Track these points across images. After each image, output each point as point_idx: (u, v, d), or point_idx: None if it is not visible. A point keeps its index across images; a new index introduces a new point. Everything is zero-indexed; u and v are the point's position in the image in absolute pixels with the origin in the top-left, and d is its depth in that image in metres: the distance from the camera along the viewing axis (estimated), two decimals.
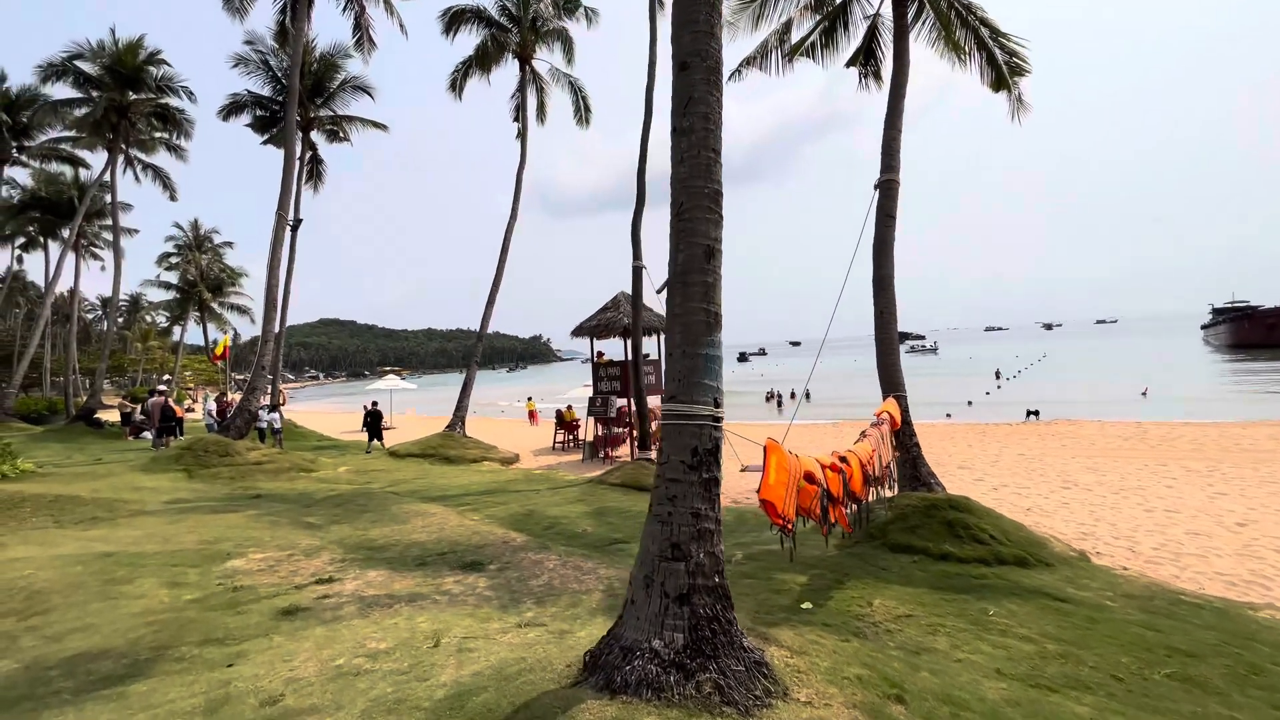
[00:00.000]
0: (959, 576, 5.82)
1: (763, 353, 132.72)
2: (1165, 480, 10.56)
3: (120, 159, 27.08)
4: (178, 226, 39.77)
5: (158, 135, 26.52)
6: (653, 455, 11.78)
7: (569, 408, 19.36)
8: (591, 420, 16.02)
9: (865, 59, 11.23)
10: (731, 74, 11.71)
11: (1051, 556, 6.40)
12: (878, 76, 11.84)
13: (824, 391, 38.38)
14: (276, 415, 18.46)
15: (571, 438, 18.93)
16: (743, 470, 11.31)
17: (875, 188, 9.05)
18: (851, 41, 11.27)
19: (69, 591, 4.90)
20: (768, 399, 38.01)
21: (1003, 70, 10.71)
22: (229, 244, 41.18)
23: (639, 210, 12.72)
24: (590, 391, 19.67)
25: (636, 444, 15.45)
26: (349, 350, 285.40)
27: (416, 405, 42.80)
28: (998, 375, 42.98)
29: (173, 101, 21.31)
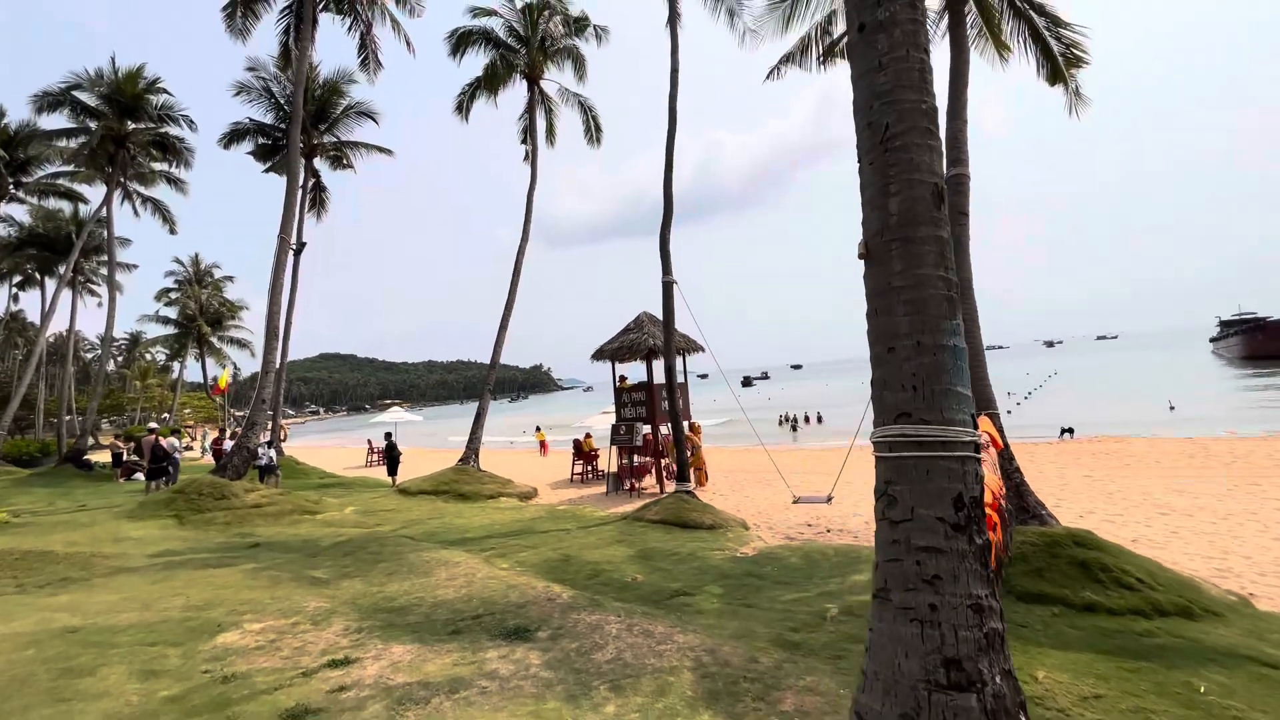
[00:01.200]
0: (1121, 634, 4.72)
1: (765, 376, 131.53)
2: (1273, 502, 9.46)
3: (118, 192, 26.55)
4: (178, 262, 39.21)
5: (157, 168, 26.00)
6: (691, 487, 10.69)
7: (587, 436, 18.26)
8: (614, 450, 14.92)
9: None
10: (770, 72, 11.01)
11: (1214, 603, 5.30)
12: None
13: (835, 416, 37.22)
14: (272, 452, 17.40)
15: (590, 469, 17.79)
16: (796, 501, 10.25)
17: (945, 183, 8.19)
18: None
19: (10, 690, 3.81)
20: (781, 423, 36.90)
21: (1059, 63, 9.98)
22: (229, 278, 40.58)
23: (667, 222, 11.87)
24: (610, 419, 18.63)
25: (674, 475, 14.34)
26: (349, 384, 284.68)
27: (420, 438, 41.62)
28: (1009, 395, 41.79)
29: (172, 130, 20.77)
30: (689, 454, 14.34)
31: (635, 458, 14.47)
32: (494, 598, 5.93)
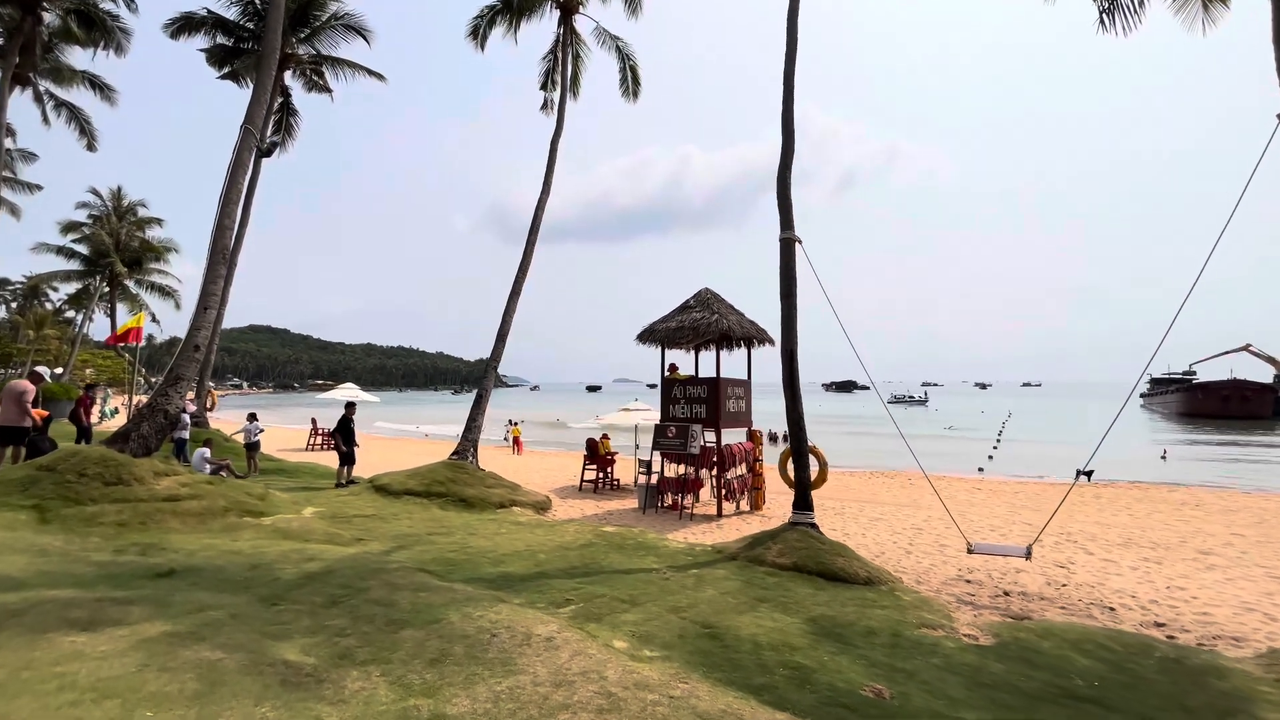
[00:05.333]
0: None
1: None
2: None
3: (23, 90, 21.46)
4: (94, 193, 33.11)
5: (77, 66, 21.10)
6: (814, 519, 7.76)
7: (604, 437, 15.07)
8: (657, 456, 11.84)
9: None
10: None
11: None
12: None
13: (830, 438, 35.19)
14: (257, 425, 13.33)
15: (604, 475, 14.61)
16: (970, 551, 7.50)
17: (1278, 116, 5.74)
18: None
19: None
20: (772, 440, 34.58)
21: None
22: (157, 220, 34.65)
23: (787, 163, 8.99)
24: (629, 417, 15.52)
25: (736, 494, 11.37)
26: (279, 360, 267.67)
27: (378, 426, 36.92)
28: (996, 445, 40.96)
29: (103, 3, 16.23)
30: (749, 467, 11.46)
31: (689, 469, 11.43)
32: None
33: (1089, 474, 21.21)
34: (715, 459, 11.08)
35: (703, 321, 11.30)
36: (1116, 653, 5.02)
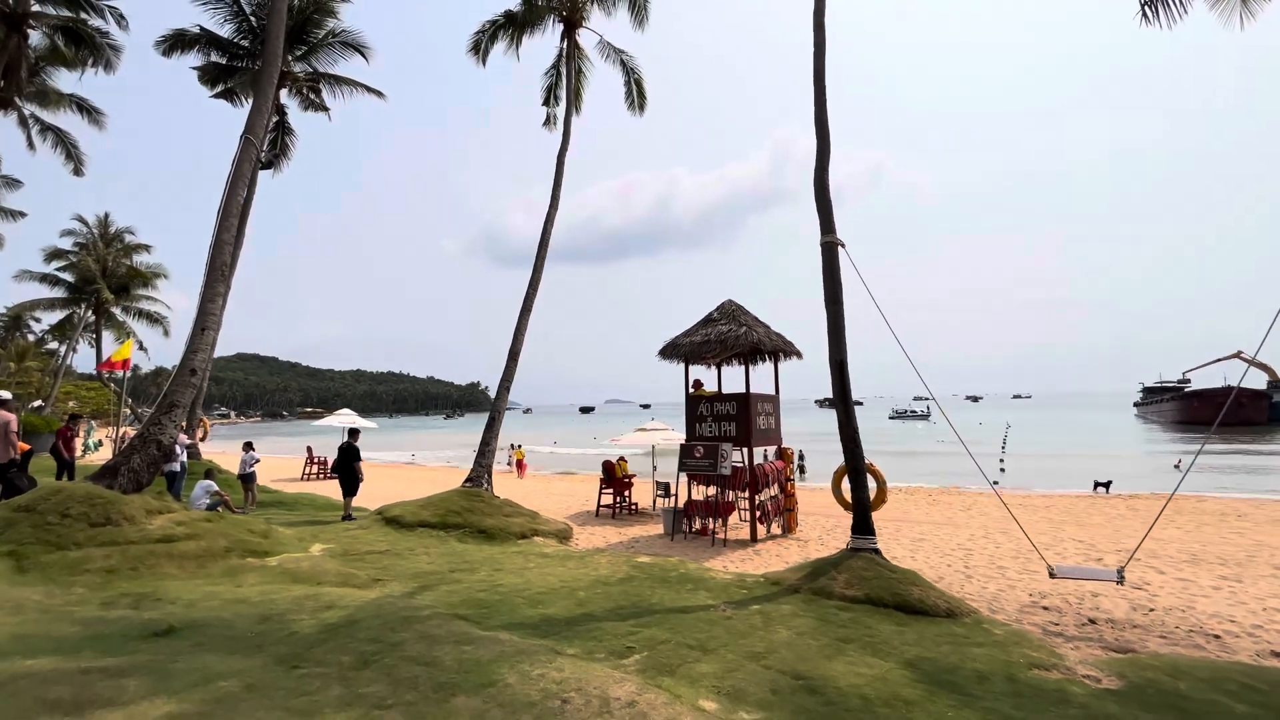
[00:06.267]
0: None
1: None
2: None
3: (9, 115, 20.86)
4: (79, 220, 32.31)
5: (65, 90, 20.58)
6: (876, 543, 7.11)
7: (620, 460, 14.36)
8: (684, 479, 11.16)
9: None
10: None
11: None
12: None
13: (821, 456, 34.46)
14: (253, 455, 12.56)
15: (621, 499, 13.87)
16: (1053, 575, 6.87)
17: None
18: None
19: None
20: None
21: None
22: (146, 246, 33.83)
23: (824, 164, 8.53)
24: (646, 439, 14.85)
25: (769, 517, 10.71)
26: (268, 388, 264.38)
27: (374, 451, 35.81)
28: (1002, 459, 40.40)
29: (92, 21, 15.70)
30: (781, 488, 10.81)
31: (720, 491, 10.74)
32: None
33: (1107, 485, 20.75)
34: (748, 480, 10.42)
35: (730, 335, 10.72)
36: (1264, 693, 4.39)
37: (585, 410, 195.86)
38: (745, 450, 10.65)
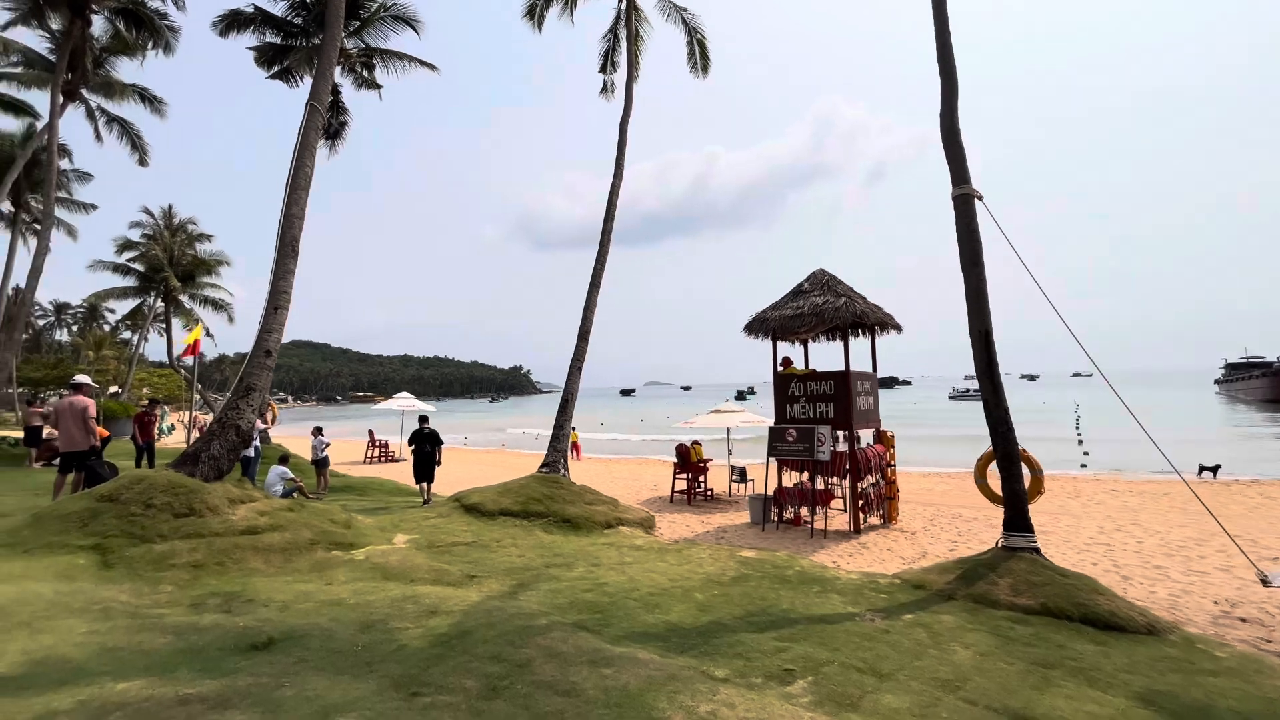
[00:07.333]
0: None
1: (753, 391, 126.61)
2: None
3: (76, 106, 21.24)
4: (145, 212, 33.26)
5: (127, 80, 20.76)
6: (1034, 541, 6.13)
7: (695, 444, 13.60)
8: (773, 464, 10.32)
9: None
10: None
11: None
12: None
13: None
14: (323, 440, 12.50)
15: (699, 484, 13.14)
16: (1266, 584, 5.74)
17: None
18: None
19: None
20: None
21: None
22: (207, 236, 34.68)
23: (951, 106, 7.40)
24: (721, 420, 14.02)
25: (869, 507, 9.81)
26: (321, 374, 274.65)
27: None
28: (1078, 438, 37.68)
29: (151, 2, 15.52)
30: (881, 475, 9.86)
31: (813, 478, 9.86)
32: None
33: (1214, 469, 18.81)
34: (848, 466, 9.49)
35: (827, 306, 9.73)
36: None
37: (626, 393, 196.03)
38: (845, 433, 9.71)
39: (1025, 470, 6.66)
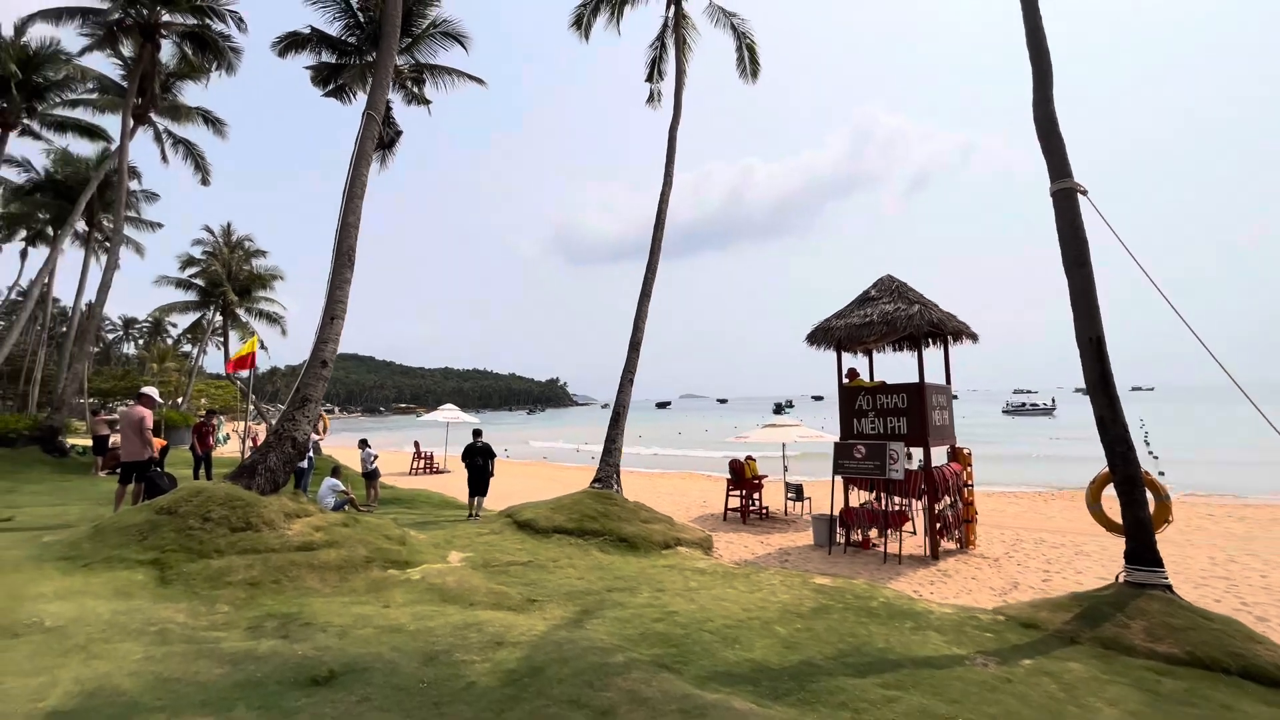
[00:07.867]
0: None
1: (790, 405, 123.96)
2: None
3: (144, 129, 22.27)
4: (207, 230, 34.81)
5: (192, 104, 21.69)
6: (1164, 578, 5.40)
7: (749, 459, 13.02)
8: (837, 482, 9.69)
9: None
10: None
11: None
12: None
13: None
14: (371, 452, 12.59)
15: (753, 502, 12.56)
16: None
17: None
18: None
19: None
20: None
21: None
22: (263, 252, 36.05)
23: (1045, 94, 6.79)
24: (775, 435, 13.42)
25: (948, 530, 9.09)
26: (366, 385, 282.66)
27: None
28: (1150, 455, 34.72)
29: (215, 25, 16.13)
30: (958, 496, 9.12)
31: (883, 498, 9.20)
32: None
33: None
34: (924, 486, 8.80)
35: (899, 314, 9.10)
36: None
37: (662, 405, 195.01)
38: (919, 451, 9.04)
39: (1150, 497, 5.91)
